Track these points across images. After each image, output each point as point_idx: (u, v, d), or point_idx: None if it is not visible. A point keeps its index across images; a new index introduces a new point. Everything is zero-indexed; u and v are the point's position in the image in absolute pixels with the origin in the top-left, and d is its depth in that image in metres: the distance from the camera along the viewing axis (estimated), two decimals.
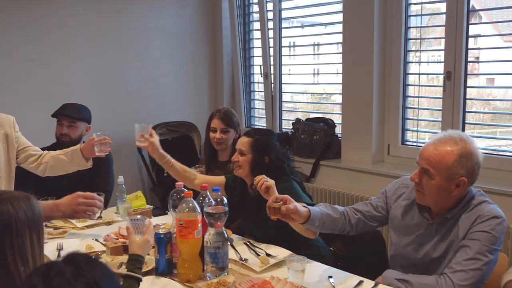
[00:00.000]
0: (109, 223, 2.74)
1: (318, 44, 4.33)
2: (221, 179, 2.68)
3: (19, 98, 3.71)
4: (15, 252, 1.33)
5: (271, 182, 2.21)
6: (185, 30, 4.62)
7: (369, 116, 3.62)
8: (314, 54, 4.41)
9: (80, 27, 3.97)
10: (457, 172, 1.85)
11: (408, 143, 3.61)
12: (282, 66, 4.43)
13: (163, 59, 4.50)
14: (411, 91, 3.58)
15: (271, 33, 4.39)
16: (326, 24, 4.19)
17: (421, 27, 3.49)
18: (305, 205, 2.10)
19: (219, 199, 2.07)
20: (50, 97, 3.80)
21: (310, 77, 4.50)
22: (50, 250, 2.27)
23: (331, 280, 1.97)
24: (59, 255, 2.24)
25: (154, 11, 4.39)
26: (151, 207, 2.96)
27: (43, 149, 3.20)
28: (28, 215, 1.38)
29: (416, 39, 3.50)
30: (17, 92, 3.72)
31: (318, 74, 4.42)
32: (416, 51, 3.54)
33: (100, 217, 2.80)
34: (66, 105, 3.25)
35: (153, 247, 2.06)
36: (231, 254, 2.20)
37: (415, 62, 3.56)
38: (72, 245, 2.37)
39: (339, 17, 3.80)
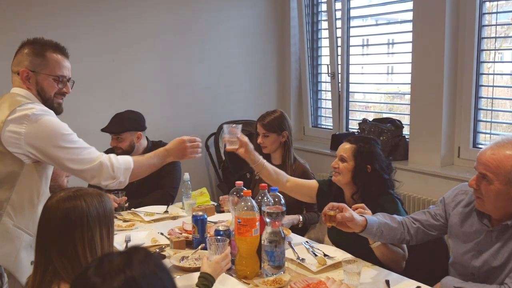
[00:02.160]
0: (174, 218, 2.86)
1: (393, 43, 4.25)
2: (314, 183, 2.59)
3: (97, 96, 3.95)
4: (85, 245, 1.44)
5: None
6: (254, 30, 4.69)
7: (439, 117, 3.51)
8: (388, 53, 4.32)
9: (152, 29, 4.15)
10: None
11: (480, 146, 3.46)
12: (354, 65, 4.39)
13: (231, 58, 4.60)
14: (484, 92, 3.43)
15: (339, 32, 4.36)
16: (401, 22, 4.09)
17: (496, 25, 3.33)
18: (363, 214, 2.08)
19: (277, 199, 2.11)
20: (125, 96, 4.02)
21: (383, 76, 4.41)
22: (119, 242, 2.40)
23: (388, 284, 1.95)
24: (126, 246, 2.38)
25: (223, 12, 4.50)
26: (215, 203, 3.04)
27: (108, 150, 3.35)
28: (99, 211, 1.48)
29: (490, 37, 3.35)
30: (96, 90, 3.95)
31: (392, 73, 4.33)
32: (489, 50, 3.39)
33: (166, 212, 2.93)
34: (114, 117, 3.26)
35: None
36: (289, 253, 2.23)
37: (489, 62, 3.40)
38: (139, 237, 2.50)
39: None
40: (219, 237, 2.06)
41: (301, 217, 2.80)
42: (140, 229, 2.68)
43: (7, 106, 1.94)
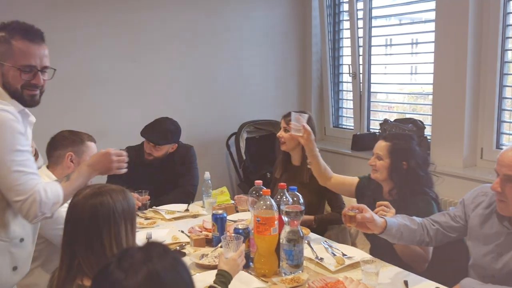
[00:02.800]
0: (194, 216, 2.89)
1: (417, 43, 4.21)
2: (354, 179, 2.66)
3: (119, 96, 4.02)
4: (112, 239, 1.48)
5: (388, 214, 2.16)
6: (275, 30, 4.71)
7: (461, 118, 3.47)
8: (412, 53, 4.28)
9: (174, 29, 4.20)
10: None
11: (503, 147, 3.40)
12: (377, 65, 4.37)
13: (252, 58, 4.62)
14: (508, 92, 3.38)
15: (361, 32, 4.34)
16: (425, 22, 4.05)
17: None
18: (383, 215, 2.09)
19: (295, 198, 2.13)
20: (147, 96, 4.08)
21: (407, 76, 4.37)
22: (140, 239, 2.44)
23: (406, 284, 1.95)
24: None
25: (245, 12, 4.53)
26: (235, 202, 3.07)
27: (128, 148, 3.39)
28: (124, 207, 1.52)
29: None
30: (119, 90, 4.02)
31: (415, 73, 4.30)
32: None
33: (187, 210, 2.97)
34: (155, 125, 3.29)
35: None
36: (308, 253, 2.24)
37: None
38: (160, 235, 2.54)
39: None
40: (233, 234, 2.08)
41: (314, 217, 2.80)
42: (161, 226, 2.73)
43: None
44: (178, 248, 2.38)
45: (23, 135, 1.78)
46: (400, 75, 4.37)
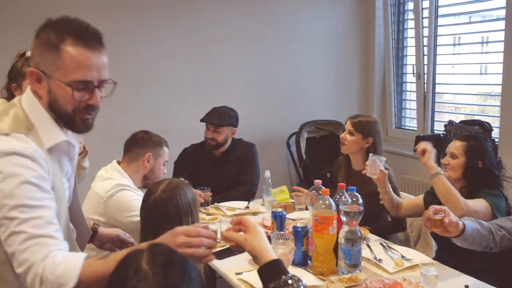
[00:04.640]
0: (255, 214, 2.95)
1: (487, 42, 4.08)
2: (420, 199, 2.66)
3: (181, 96, 4.16)
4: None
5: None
6: (338, 30, 4.70)
7: None
8: (482, 52, 4.14)
9: (237, 29, 4.29)
10: None
11: None
12: (443, 65, 4.27)
13: (314, 58, 4.63)
14: None
15: (426, 32, 4.25)
16: (497, 20, 3.90)
17: None
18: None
19: (354, 198, 2.14)
20: (210, 95, 4.18)
21: (476, 76, 4.24)
22: None
23: None
24: None
25: (308, 11, 4.54)
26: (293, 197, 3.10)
27: (192, 145, 3.49)
28: (193, 197, 1.69)
29: None
30: (181, 90, 4.16)
31: (485, 73, 4.15)
32: None
33: (247, 207, 3.03)
34: (213, 110, 3.39)
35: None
36: (366, 253, 2.24)
37: None
38: (221, 230, 2.61)
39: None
40: (282, 232, 2.13)
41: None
42: (222, 223, 2.80)
43: None
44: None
45: (36, 185, 1.27)
46: (468, 75, 4.23)
